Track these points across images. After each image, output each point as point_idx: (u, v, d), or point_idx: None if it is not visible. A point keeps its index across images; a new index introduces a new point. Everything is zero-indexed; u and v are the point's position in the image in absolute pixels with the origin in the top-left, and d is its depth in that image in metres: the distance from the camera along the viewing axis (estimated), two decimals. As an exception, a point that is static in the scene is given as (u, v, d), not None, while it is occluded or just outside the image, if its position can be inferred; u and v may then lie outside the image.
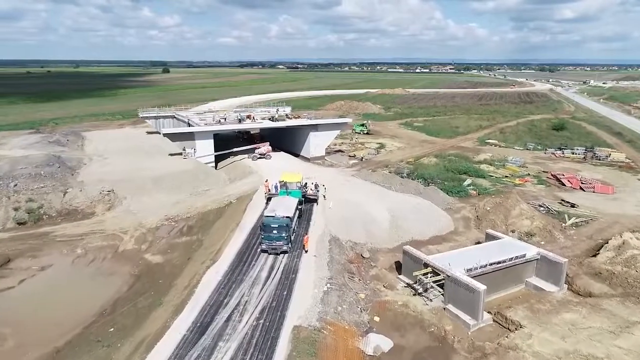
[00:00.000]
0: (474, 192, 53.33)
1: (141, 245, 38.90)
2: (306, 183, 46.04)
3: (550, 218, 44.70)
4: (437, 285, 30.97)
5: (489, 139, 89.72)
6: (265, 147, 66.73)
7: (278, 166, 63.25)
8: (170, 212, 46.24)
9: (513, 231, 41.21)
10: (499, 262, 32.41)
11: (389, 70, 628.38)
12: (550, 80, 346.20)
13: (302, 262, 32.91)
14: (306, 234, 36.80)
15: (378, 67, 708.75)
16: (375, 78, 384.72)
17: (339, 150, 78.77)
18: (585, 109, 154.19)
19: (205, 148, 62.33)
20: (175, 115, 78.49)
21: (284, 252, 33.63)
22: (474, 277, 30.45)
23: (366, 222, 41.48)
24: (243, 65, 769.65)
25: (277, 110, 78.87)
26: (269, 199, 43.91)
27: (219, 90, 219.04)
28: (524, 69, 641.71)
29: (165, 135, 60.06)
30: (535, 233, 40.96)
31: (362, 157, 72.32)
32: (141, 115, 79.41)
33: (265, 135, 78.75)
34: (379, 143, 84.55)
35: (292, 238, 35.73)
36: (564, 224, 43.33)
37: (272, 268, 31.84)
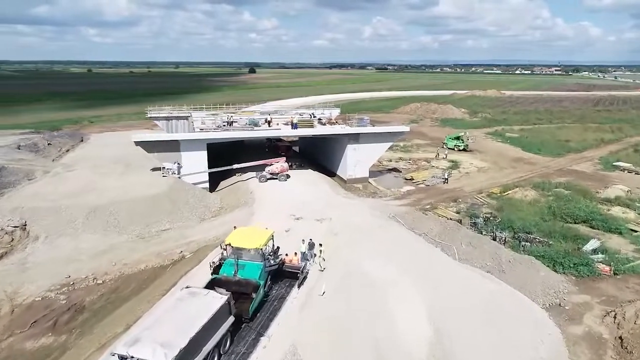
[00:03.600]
0: (606, 269, 29.47)
1: (-40, 350, 21.77)
2: (277, 248, 25.87)
3: None
4: None
5: (618, 161, 62.17)
6: (278, 165, 47.77)
7: (291, 193, 44.17)
8: (81, 270, 28.98)
9: None
10: None
11: (485, 72, 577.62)
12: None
13: None
14: None
15: (473, 69, 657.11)
16: (467, 79, 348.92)
17: (393, 169, 57.39)
18: None
19: (196, 162, 45.04)
20: (192, 117, 62.41)
21: None
22: None
23: (378, 342, 20.49)
24: (333, 66, 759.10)
25: (312, 114, 59.32)
26: (216, 269, 24.49)
27: (292, 90, 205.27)
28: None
29: (138, 143, 43.54)
30: None
31: (446, 179, 51.26)
32: (149, 116, 64.44)
33: (292, 146, 60.27)
34: (452, 161, 61.47)
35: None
36: None
37: None
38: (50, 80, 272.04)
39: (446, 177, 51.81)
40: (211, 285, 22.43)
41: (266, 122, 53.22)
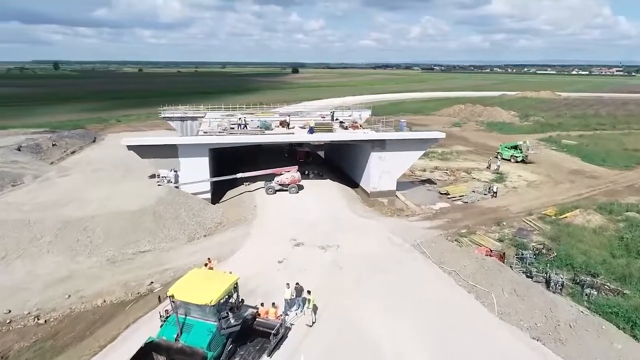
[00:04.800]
0: None
1: None
2: (242, 301, 19.33)
3: None
4: None
5: None
6: (289, 175, 41.58)
7: (299, 209, 37.87)
8: (27, 304, 24.02)
9: None
10: None
11: (538, 72, 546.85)
12: None
13: None
14: None
15: (525, 69, 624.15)
16: (519, 80, 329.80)
17: (427, 180, 49.85)
18: None
19: (196, 169, 39.65)
20: (205, 117, 57.57)
21: None
22: None
23: None
24: (377, 66, 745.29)
25: (332, 113, 52.72)
26: (164, 321, 18.40)
27: (332, 90, 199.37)
28: None
29: (130, 147, 38.65)
30: None
31: (495, 192, 43.44)
32: (163, 116, 60.33)
33: (311, 152, 54.15)
34: (497, 172, 53.02)
35: None
36: None
37: None
38: (101, 80, 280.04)
39: (494, 190, 43.97)
40: (147, 350, 16.52)
41: (281, 124, 47.26)
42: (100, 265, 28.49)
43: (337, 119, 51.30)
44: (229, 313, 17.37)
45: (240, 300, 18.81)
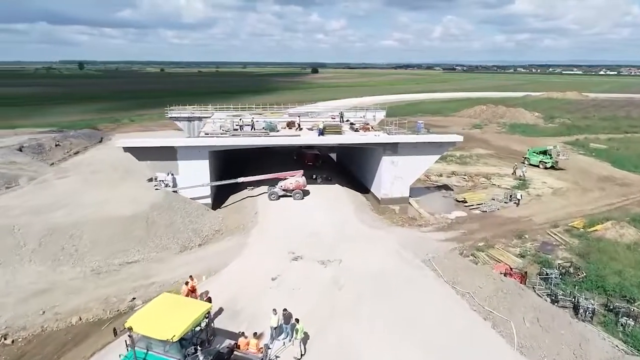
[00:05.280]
0: None
1: None
2: (213, 332, 16.75)
3: None
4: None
5: None
6: (293, 180, 39.06)
7: (302, 216, 35.35)
8: (-3, 320, 22.15)
9: None
10: None
11: (564, 72, 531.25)
12: None
13: None
14: None
15: (550, 69, 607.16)
16: (543, 80, 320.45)
17: (443, 186, 46.73)
18: None
19: (195, 173, 37.50)
20: (212, 118, 55.61)
21: None
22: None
23: None
24: (398, 67, 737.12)
25: (341, 114, 49.99)
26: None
27: (350, 90, 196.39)
28: None
29: (126, 149, 36.75)
30: None
31: (518, 199, 39.95)
32: (170, 116, 58.65)
33: (319, 155, 51.60)
34: (521, 179, 49.39)
35: None
36: None
37: None
38: (123, 79, 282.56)
39: (518, 197, 40.72)
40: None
41: (288, 125, 44.82)
42: (83, 276, 26.55)
43: (347, 120, 48.62)
44: (198, 348, 14.89)
45: (212, 333, 16.33)
